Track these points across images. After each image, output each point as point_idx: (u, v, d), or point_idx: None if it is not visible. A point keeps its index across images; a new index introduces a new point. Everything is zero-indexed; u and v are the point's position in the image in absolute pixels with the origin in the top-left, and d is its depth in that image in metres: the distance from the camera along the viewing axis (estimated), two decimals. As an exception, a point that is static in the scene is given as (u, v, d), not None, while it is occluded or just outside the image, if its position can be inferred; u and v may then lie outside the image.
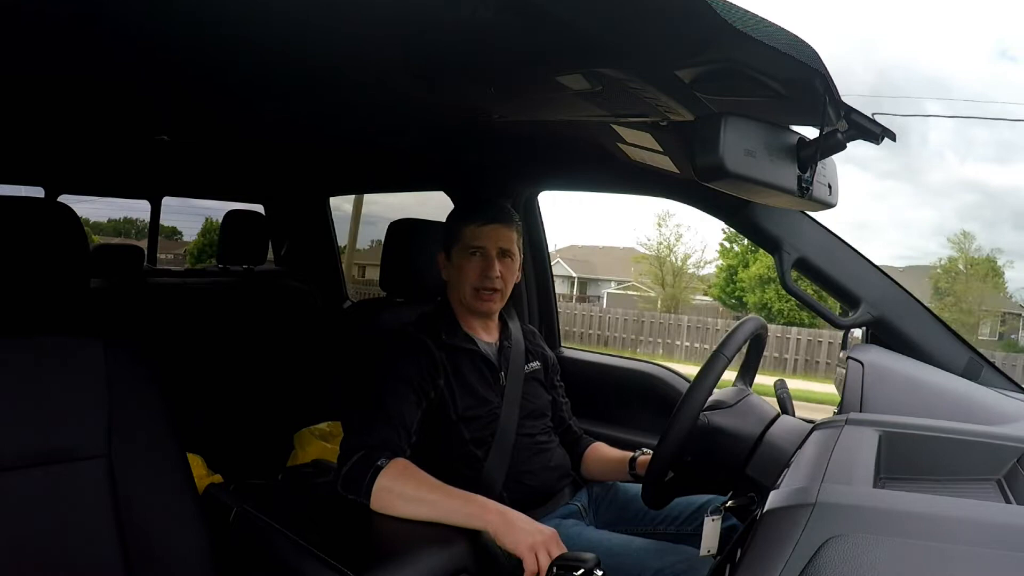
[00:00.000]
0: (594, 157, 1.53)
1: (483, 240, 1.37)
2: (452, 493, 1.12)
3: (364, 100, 1.31)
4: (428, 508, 1.10)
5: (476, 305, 1.39)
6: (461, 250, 1.38)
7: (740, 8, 0.67)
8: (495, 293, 1.38)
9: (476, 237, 1.37)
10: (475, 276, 1.36)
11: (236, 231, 2.51)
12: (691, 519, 1.37)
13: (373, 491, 1.12)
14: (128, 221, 9.56)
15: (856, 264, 1.36)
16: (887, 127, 0.90)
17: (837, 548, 0.62)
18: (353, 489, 1.14)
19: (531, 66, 0.93)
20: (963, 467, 0.89)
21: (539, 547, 1.02)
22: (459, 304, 1.43)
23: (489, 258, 1.37)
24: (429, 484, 1.13)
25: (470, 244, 1.37)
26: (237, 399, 2.35)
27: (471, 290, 1.37)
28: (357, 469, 1.14)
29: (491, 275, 1.36)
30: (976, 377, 1.28)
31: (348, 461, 1.16)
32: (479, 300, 1.38)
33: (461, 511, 1.09)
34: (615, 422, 1.89)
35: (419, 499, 1.11)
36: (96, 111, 1.56)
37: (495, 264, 1.37)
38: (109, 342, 1.03)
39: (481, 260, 1.37)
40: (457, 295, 1.41)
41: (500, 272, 1.37)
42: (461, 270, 1.38)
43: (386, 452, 1.16)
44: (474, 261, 1.37)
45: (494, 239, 1.37)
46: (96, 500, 0.97)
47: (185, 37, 0.95)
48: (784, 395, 1.32)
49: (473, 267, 1.36)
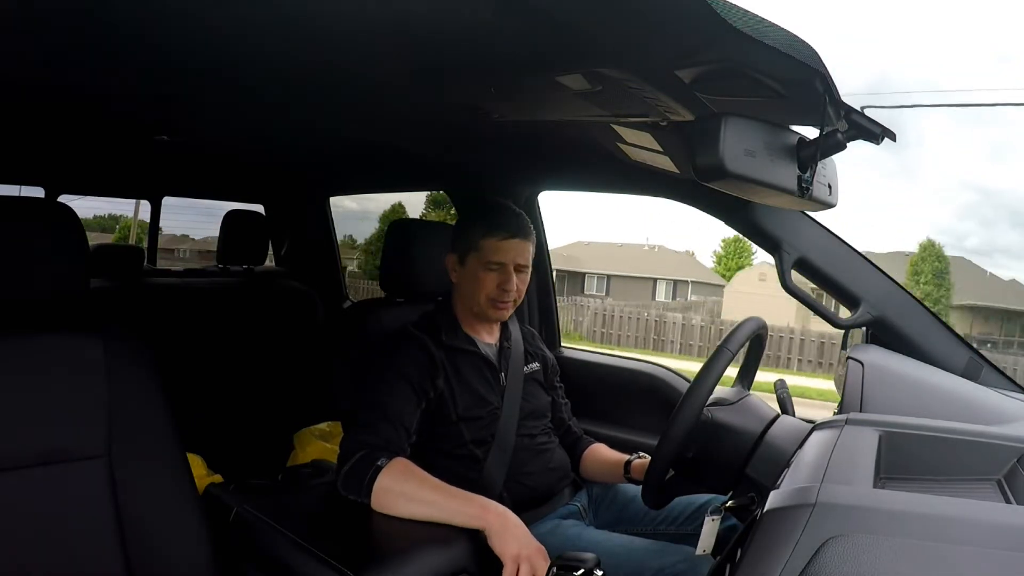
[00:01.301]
0: (594, 157, 1.53)
1: (503, 256, 1.36)
2: (453, 493, 1.12)
3: (364, 100, 1.31)
4: (428, 508, 1.10)
5: (490, 314, 1.39)
6: (478, 261, 1.37)
7: (740, 8, 0.67)
8: (509, 304, 1.39)
9: (496, 252, 1.36)
10: (492, 288, 1.37)
11: (236, 231, 2.51)
12: (691, 519, 1.37)
13: (373, 490, 1.12)
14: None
15: (856, 264, 1.36)
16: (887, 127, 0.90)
17: (837, 548, 0.62)
18: (354, 489, 1.14)
19: (531, 66, 0.93)
20: (963, 467, 0.89)
21: (523, 559, 1.03)
22: (465, 307, 1.43)
23: (507, 273, 1.37)
24: (430, 484, 1.13)
25: (489, 258, 1.36)
26: (237, 399, 2.35)
27: (487, 300, 1.38)
28: (358, 468, 1.14)
29: (508, 288, 1.37)
30: (976, 377, 1.28)
31: (349, 461, 1.16)
32: (494, 309, 1.39)
33: (461, 511, 1.09)
34: (615, 422, 1.89)
35: (419, 499, 1.11)
36: (96, 111, 1.56)
37: (513, 279, 1.37)
38: (109, 342, 1.03)
39: (499, 275, 1.37)
40: (467, 300, 1.41)
41: (516, 285, 1.38)
42: (477, 280, 1.37)
43: (387, 452, 1.16)
44: (492, 274, 1.37)
45: (513, 254, 1.37)
46: (96, 500, 0.97)
47: (185, 37, 0.95)
48: (784, 395, 1.32)
49: (491, 280, 1.37)
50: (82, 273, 1.03)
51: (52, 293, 0.99)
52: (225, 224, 2.50)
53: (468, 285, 1.39)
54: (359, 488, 1.13)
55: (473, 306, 1.40)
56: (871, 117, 0.90)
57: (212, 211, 2.99)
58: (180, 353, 2.12)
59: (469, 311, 1.42)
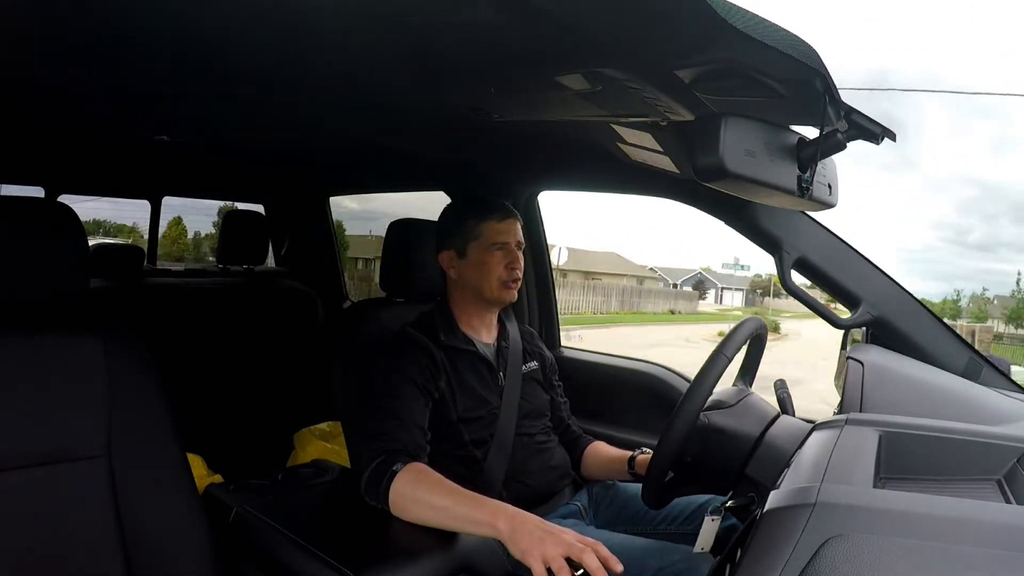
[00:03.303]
0: (594, 157, 1.53)
1: (505, 235, 1.42)
2: (463, 499, 1.09)
3: (364, 100, 1.31)
4: (439, 514, 1.08)
5: (503, 296, 1.43)
6: (482, 246, 1.41)
7: (740, 8, 0.67)
8: (518, 282, 1.44)
9: (499, 233, 1.41)
10: (501, 269, 1.41)
11: (236, 231, 2.51)
12: (691, 519, 1.37)
13: (390, 496, 1.12)
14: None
15: (856, 264, 1.36)
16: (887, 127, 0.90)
17: (837, 548, 0.62)
18: (373, 495, 1.14)
19: (531, 66, 0.93)
20: (963, 467, 0.89)
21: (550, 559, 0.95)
22: (468, 302, 1.43)
23: (512, 251, 1.42)
24: (442, 489, 1.11)
25: (494, 240, 1.41)
26: (237, 399, 2.35)
27: (499, 283, 1.41)
28: (376, 475, 1.14)
29: (516, 266, 1.42)
30: (976, 377, 1.28)
31: (368, 468, 1.16)
32: (505, 290, 1.42)
33: (470, 517, 1.05)
34: (615, 422, 1.89)
35: (430, 504, 1.09)
36: (96, 111, 1.56)
37: (518, 256, 1.44)
38: (109, 342, 1.03)
39: (505, 254, 1.42)
40: (474, 291, 1.42)
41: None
42: (485, 265, 1.41)
43: (403, 456, 1.16)
44: (499, 255, 1.41)
45: (513, 233, 1.44)
46: (96, 500, 0.97)
47: (185, 36, 0.95)
48: (784, 395, 1.32)
49: (498, 261, 1.41)
50: (82, 273, 1.03)
51: (52, 293, 0.99)
52: (225, 224, 2.50)
53: (474, 274, 1.41)
54: (377, 494, 1.13)
55: (484, 293, 1.42)
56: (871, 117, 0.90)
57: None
58: (180, 353, 2.13)
59: (474, 303, 1.44)
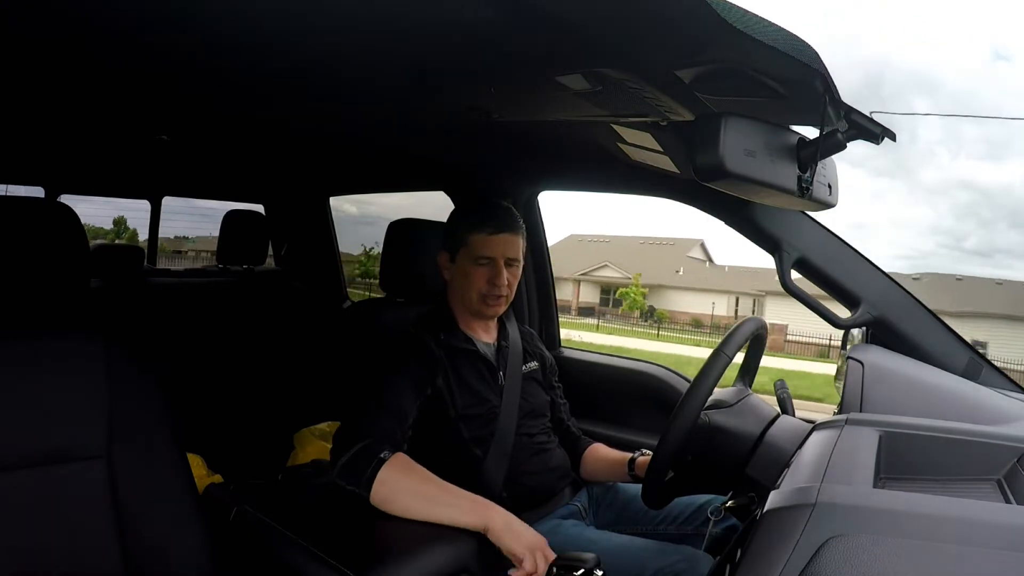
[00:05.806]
0: (594, 157, 1.53)
1: (492, 250, 1.36)
2: (453, 492, 1.11)
3: (364, 100, 1.31)
4: (428, 504, 1.09)
5: (482, 310, 1.39)
6: (468, 257, 1.37)
7: (740, 8, 0.67)
8: (501, 299, 1.39)
9: (485, 247, 1.36)
10: (483, 284, 1.36)
11: (236, 231, 2.51)
12: (691, 519, 1.37)
13: (375, 483, 1.10)
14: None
15: (856, 264, 1.36)
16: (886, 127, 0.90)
17: (837, 548, 0.62)
18: (353, 479, 1.11)
19: (531, 66, 0.93)
20: (963, 467, 0.89)
21: (537, 549, 1.03)
22: (460, 305, 1.43)
23: (497, 268, 1.36)
24: (431, 481, 1.12)
25: (478, 253, 1.36)
26: (237, 399, 2.35)
27: (478, 296, 1.37)
28: (358, 459, 1.12)
29: (499, 283, 1.36)
30: (976, 377, 1.28)
31: (348, 450, 1.14)
32: (485, 306, 1.38)
33: (460, 509, 1.08)
34: (615, 422, 1.89)
35: (420, 494, 1.10)
36: (96, 111, 1.56)
37: (503, 273, 1.37)
38: (109, 342, 1.03)
39: (489, 269, 1.36)
40: (460, 298, 1.41)
41: (507, 279, 1.37)
42: (468, 277, 1.37)
43: (388, 444, 1.15)
44: (482, 270, 1.36)
45: (502, 249, 1.37)
46: (96, 500, 0.97)
47: (185, 37, 0.95)
48: (784, 395, 1.32)
49: (480, 276, 1.36)
50: (82, 273, 1.03)
51: (52, 293, 0.99)
52: (225, 224, 2.50)
53: (459, 282, 1.39)
54: (359, 479, 1.11)
55: (466, 303, 1.40)
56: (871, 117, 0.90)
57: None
58: (180, 353, 2.12)
59: (464, 309, 1.42)
